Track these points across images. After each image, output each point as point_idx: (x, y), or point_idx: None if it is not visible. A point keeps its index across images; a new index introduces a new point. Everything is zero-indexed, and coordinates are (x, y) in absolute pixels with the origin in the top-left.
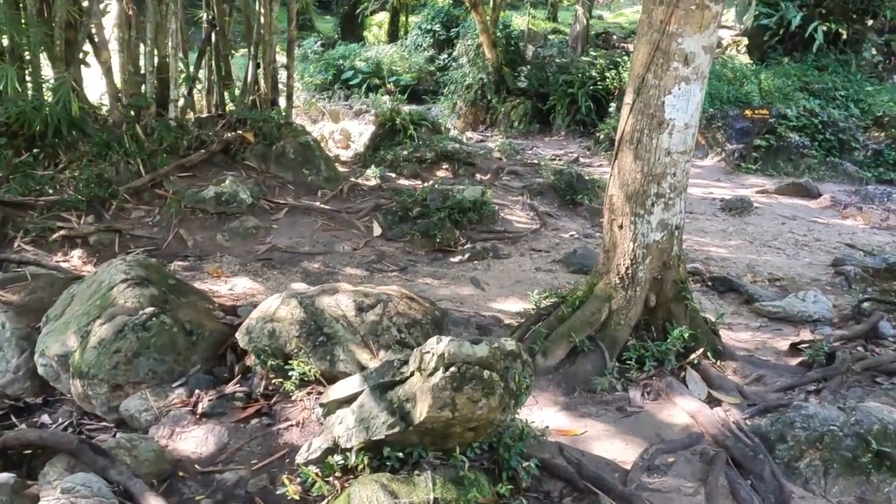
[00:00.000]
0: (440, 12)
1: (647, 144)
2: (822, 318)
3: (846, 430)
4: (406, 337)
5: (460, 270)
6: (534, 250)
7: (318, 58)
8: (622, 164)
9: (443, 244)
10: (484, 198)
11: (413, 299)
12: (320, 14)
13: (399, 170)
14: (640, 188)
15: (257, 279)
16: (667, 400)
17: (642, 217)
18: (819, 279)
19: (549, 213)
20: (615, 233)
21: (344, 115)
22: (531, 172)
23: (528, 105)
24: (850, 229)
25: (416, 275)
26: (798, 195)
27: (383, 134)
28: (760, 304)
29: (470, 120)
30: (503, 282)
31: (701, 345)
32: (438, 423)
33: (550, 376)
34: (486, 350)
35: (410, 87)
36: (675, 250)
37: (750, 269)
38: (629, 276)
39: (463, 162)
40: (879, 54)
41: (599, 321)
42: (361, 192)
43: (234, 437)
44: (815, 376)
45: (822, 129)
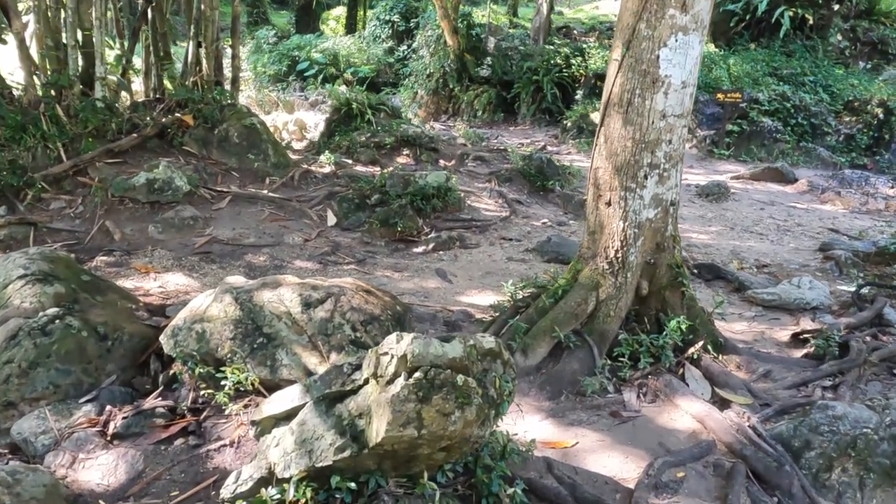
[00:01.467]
0: (399, 3)
1: (640, 106)
2: (821, 305)
3: (881, 433)
4: (362, 336)
5: (424, 261)
6: (504, 239)
7: (271, 48)
8: (610, 130)
9: (404, 233)
10: (449, 184)
11: (370, 292)
12: (276, 9)
13: (356, 156)
14: (630, 158)
15: (193, 275)
16: (667, 402)
17: (633, 192)
18: (808, 265)
19: (518, 200)
20: (602, 211)
21: (299, 105)
22: (498, 158)
23: (491, 93)
24: (831, 214)
25: (374, 267)
26: (774, 180)
27: (339, 119)
28: (753, 291)
29: (432, 109)
30: (472, 273)
31: (700, 337)
32: (401, 443)
33: (532, 378)
34: (459, 349)
35: (369, 79)
36: (669, 230)
37: (735, 255)
38: (619, 261)
39: (425, 147)
40: (845, 40)
41: (586, 313)
42: (314, 180)
43: (152, 462)
44: (829, 370)
45: (794, 113)
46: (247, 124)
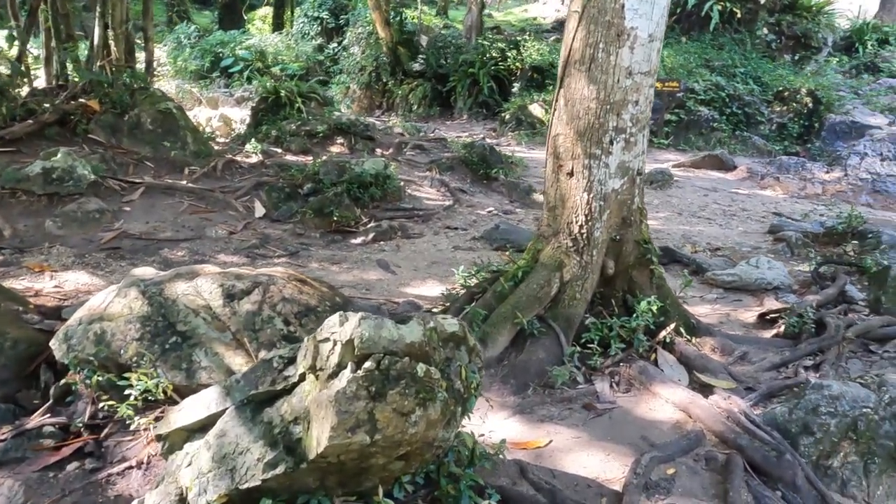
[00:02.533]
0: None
1: (604, 63)
2: (781, 284)
3: (882, 412)
4: (297, 330)
5: (364, 253)
6: (449, 228)
7: (193, 44)
8: (571, 91)
9: (341, 223)
10: (387, 171)
11: (305, 282)
12: (197, 9)
13: (285, 145)
14: (594, 121)
15: (98, 273)
16: (643, 390)
17: (598, 159)
18: (759, 247)
19: (461, 188)
20: (563, 183)
21: (224, 102)
22: (438, 147)
23: (426, 87)
24: (772, 199)
25: (309, 259)
26: (714, 167)
27: (267, 108)
28: (713, 273)
29: (365, 104)
30: (417, 263)
31: (672, 319)
32: (349, 453)
33: (494, 370)
34: (418, 332)
35: (298, 76)
36: (636, 202)
37: (687, 239)
38: (584, 237)
39: (360, 136)
40: (771, 33)
41: (549, 296)
42: (240, 170)
43: (37, 493)
44: (809, 349)
45: (728, 102)
46: (161, 109)
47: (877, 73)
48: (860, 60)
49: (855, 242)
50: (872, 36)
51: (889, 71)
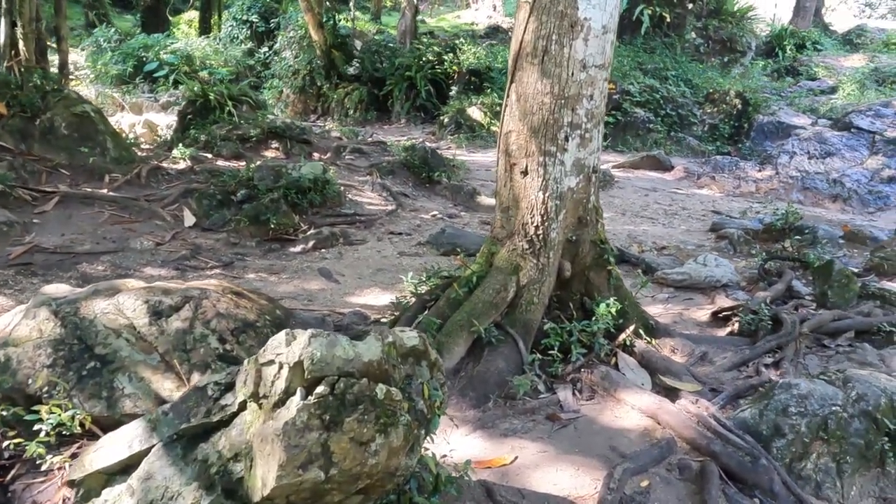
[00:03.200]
0: (256, 2)
1: (557, 55)
2: (730, 281)
3: (850, 410)
4: (233, 348)
5: (305, 261)
6: (393, 233)
7: (114, 48)
8: (523, 86)
9: (279, 231)
10: (326, 176)
11: (242, 295)
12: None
13: (216, 150)
14: (549, 117)
15: (5, 292)
16: (607, 396)
17: (554, 157)
18: (703, 244)
19: (404, 192)
20: (517, 182)
21: (148, 107)
22: (378, 151)
23: (362, 91)
24: (710, 198)
25: (245, 270)
26: (653, 168)
27: (195, 112)
28: (663, 273)
29: (299, 109)
30: (361, 271)
31: (631, 321)
32: (300, 492)
33: (451, 382)
34: (376, 349)
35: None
36: (592, 201)
37: (633, 239)
38: (540, 238)
39: (296, 140)
40: (699, 37)
41: (506, 301)
42: (166, 177)
43: None
44: (767, 346)
45: (663, 104)
46: (77, 112)
47: (797, 76)
48: (781, 64)
49: (795, 238)
50: (791, 41)
51: (808, 74)
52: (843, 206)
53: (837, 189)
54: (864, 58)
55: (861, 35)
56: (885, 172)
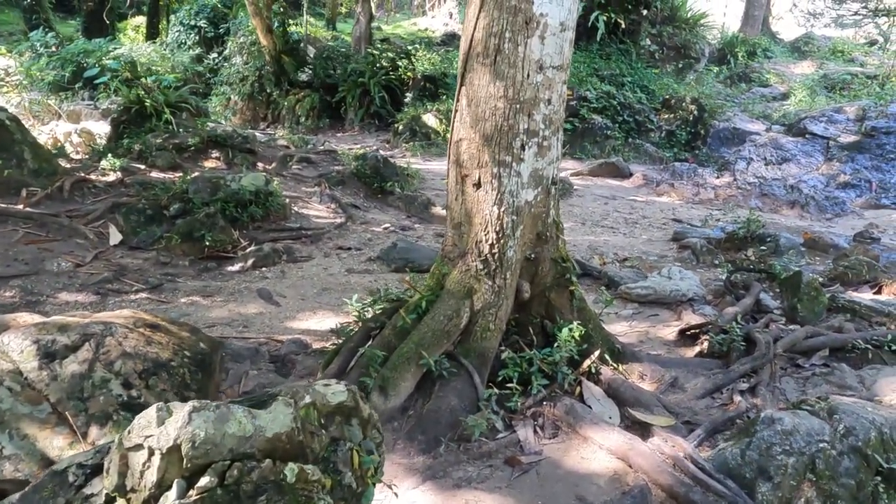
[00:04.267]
0: (205, 7)
1: (511, 54)
2: (696, 295)
3: (839, 446)
4: (141, 394)
5: (243, 281)
6: (341, 249)
7: (51, 53)
8: (474, 89)
9: (215, 249)
10: (269, 187)
11: (158, 327)
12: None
13: (151, 160)
14: (503, 123)
15: None
16: (572, 434)
17: (509, 167)
18: (666, 255)
19: (354, 204)
20: (469, 196)
21: (87, 115)
22: (327, 160)
23: (314, 98)
24: (669, 205)
25: (175, 293)
26: (612, 175)
27: (129, 120)
28: (626, 287)
29: (248, 116)
30: (305, 291)
31: (595, 345)
32: None
33: (398, 423)
34: (285, 418)
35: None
36: (552, 215)
37: (593, 250)
38: (495, 258)
39: (238, 149)
40: (654, 44)
41: (459, 328)
42: (93, 190)
43: None
44: (742, 369)
45: (620, 111)
46: None
47: (749, 82)
48: (733, 70)
49: (756, 248)
50: (742, 48)
51: (760, 80)
52: (801, 212)
53: (795, 195)
54: (812, 65)
55: (808, 43)
56: (841, 178)
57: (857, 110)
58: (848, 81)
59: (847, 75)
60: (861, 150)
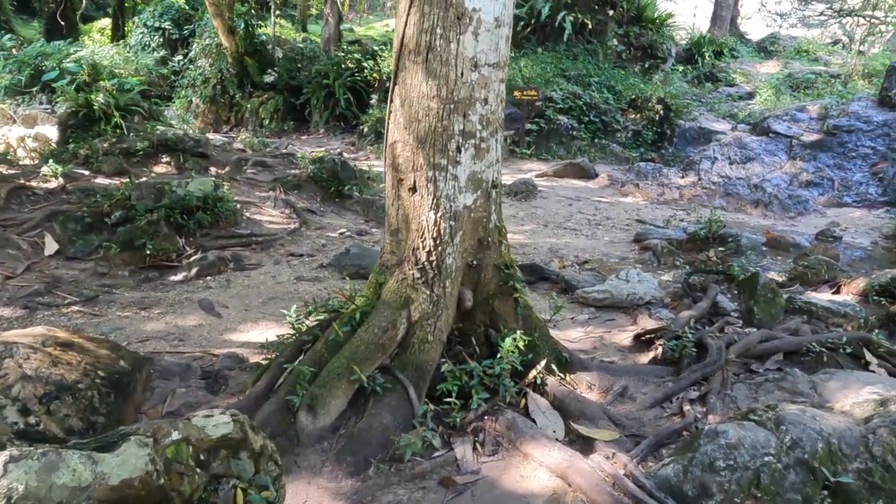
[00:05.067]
0: (169, 9)
1: (443, 52)
2: (654, 298)
3: (784, 459)
4: (41, 421)
5: (185, 292)
6: (293, 255)
7: (7, 55)
8: (407, 88)
9: (158, 258)
10: (218, 193)
11: (71, 346)
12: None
13: (96, 166)
14: (437, 124)
15: None
16: (513, 451)
17: (445, 170)
18: (627, 257)
19: (310, 209)
20: (405, 201)
21: (44, 119)
22: (284, 164)
23: (278, 100)
24: (634, 206)
25: (111, 305)
26: (577, 176)
27: (77, 124)
28: (583, 291)
29: (210, 119)
30: (250, 301)
31: (542, 355)
32: None
33: (327, 444)
34: (138, 461)
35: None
36: (493, 220)
37: (554, 253)
38: (433, 265)
39: (190, 153)
40: (621, 44)
41: (395, 340)
42: (32, 198)
43: None
44: (692, 377)
45: (586, 111)
46: None
47: (716, 82)
48: (700, 70)
49: (718, 248)
50: (709, 48)
51: (726, 80)
52: (765, 211)
53: (759, 194)
54: (778, 64)
55: (774, 42)
56: (804, 177)
57: (820, 109)
58: (812, 81)
59: (811, 74)
60: (823, 148)
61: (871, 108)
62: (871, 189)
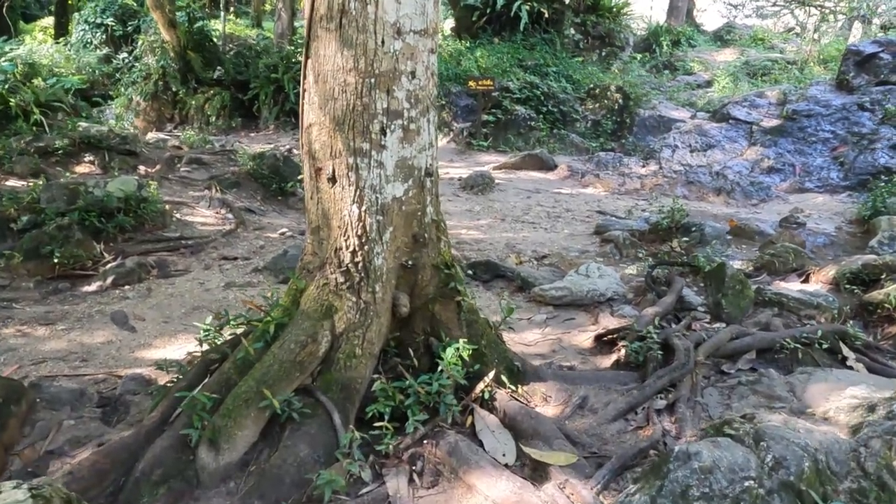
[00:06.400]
0: (112, 4)
1: (359, 16)
2: (616, 294)
3: (767, 483)
4: None
5: (97, 303)
6: (226, 259)
7: None
8: (321, 61)
9: (69, 266)
10: (143, 193)
11: None
12: None
13: (9, 167)
14: (355, 102)
15: None
16: (455, 481)
17: (367, 156)
18: (588, 250)
19: (249, 208)
20: (325, 193)
21: None
22: (223, 161)
23: (225, 96)
24: (594, 197)
25: (8, 322)
26: (535, 168)
27: None
28: (540, 289)
29: (153, 117)
30: (171, 312)
31: (490, 366)
32: None
33: (233, 483)
34: None
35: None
36: (429, 214)
37: (511, 248)
38: (359, 268)
39: (117, 151)
40: (578, 33)
41: (316, 356)
42: None
43: None
44: (658, 384)
45: (544, 101)
46: None
47: (674, 71)
48: (658, 60)
49: (681, 238)
50: (667, 37)
51: (684, 69)
52: (727, 198)
53: (720, 182)
54: (735, 52)
55: (730, 31)
56: (765, 163)
57: (779, 94)
58: (769, 67)
59: (768, 62)
60: (783, 133)
61: (830, 92)
62: (833, 174)
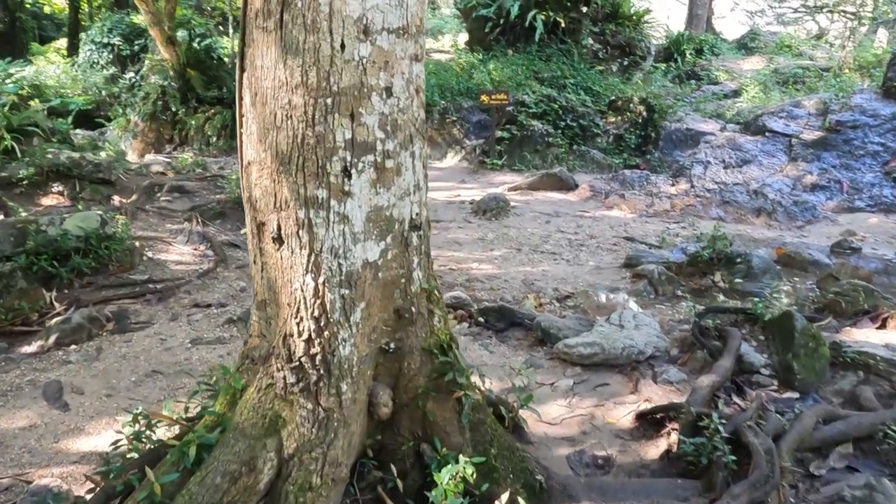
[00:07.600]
0: (119, 23)
1: (306, 9)
2: (657, 350)
3: None
4: None
5: (32, 370)
6: (198, 307)
7: None
8: (257, 74)
9: (5, 322)
10: (107, 230)
11: None
12: None
13: None
14: (304, 131)
15: None
16: None
17: (324, 208)
18: (617, 286)
19: (233, 242)
20: (269, 257)
21: None
22: (208, 188)
23: (226, 115)
24: (621, 220)
25: None
26: (554, 188)
27: None
28: (565, 344)
29: (151, 139)
30: (118, 381)
31: (503, 485)
32: None
33: None
34: None
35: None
36: (418, 280)
37: (528, 286)
38: (317, 362)
39: (89, 180)
40: (597, 42)
41: (256, 491)
42: None
43: None
44: None
45: (562, 115)
46: None
47: (699, 80)
48: (681, 69)
49: (725, 271)
50: (689, 46)
51: (709, 78)
52: (769, 220)
53: (760, 201)
54: (761, 60)
55: (755, 39)
56: (807, 179)
57: (818, 104)
58: (800, 75)
59: (799, 69)
60: (827, 147)
61: (876, 100)
62: (886, 191)
